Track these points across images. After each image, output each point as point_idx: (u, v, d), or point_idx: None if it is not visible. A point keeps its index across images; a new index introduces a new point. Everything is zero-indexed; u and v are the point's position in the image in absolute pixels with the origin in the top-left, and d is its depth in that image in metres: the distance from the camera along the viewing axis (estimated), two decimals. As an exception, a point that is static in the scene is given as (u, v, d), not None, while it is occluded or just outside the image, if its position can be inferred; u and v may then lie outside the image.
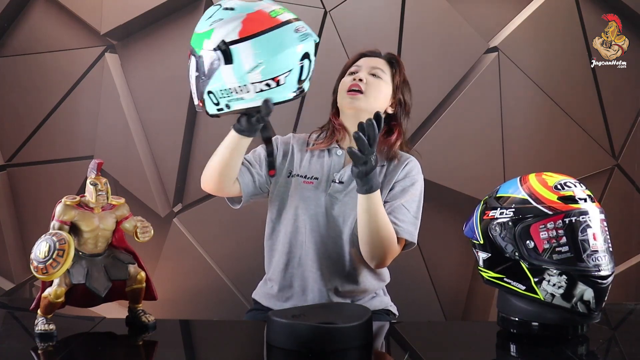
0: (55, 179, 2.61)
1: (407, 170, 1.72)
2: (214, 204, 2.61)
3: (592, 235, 1.32)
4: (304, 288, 1.70)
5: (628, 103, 2.69)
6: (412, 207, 1.69)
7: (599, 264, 1.32)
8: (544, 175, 1.41)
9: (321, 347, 1.26)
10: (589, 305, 1.32)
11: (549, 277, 1.33)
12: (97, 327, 1.46)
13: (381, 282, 1.78)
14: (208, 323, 1.63)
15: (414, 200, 1.70)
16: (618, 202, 2.69)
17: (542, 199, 1.35)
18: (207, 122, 2.59)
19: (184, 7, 2.58)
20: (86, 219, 1.35)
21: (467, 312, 2.66)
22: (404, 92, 1.77)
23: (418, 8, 2.58)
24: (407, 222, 1.66)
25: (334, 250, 1.68)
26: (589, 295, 1.32)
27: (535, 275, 1.34)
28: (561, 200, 1.34)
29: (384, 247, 1.60)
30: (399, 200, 1.67)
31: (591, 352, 1.35)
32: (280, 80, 1.33)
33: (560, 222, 1.32)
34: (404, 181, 1.71)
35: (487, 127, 2.62)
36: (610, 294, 1.36)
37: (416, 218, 1.70)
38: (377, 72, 1.72)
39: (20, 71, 2.61)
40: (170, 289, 2.58)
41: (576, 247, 1.32)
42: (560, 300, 1.33)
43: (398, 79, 1.75)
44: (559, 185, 1.37)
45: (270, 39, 1.31)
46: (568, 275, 1.31)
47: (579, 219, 1.32)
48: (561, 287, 1.32)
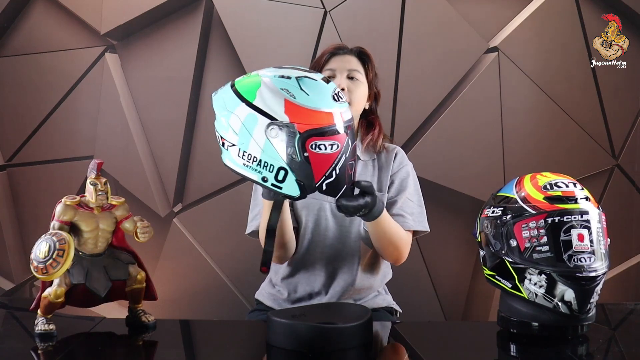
0: (55, 179, 2.61)
1: (399, 161, 1.77)
2: (214, 204, 2.61)
3: (577, 236, 1.32)
4: (310, 292, 1.72)
5: (628, 103, 2.69)
6: (414, 197, 1.75)
7: (582, 265, 1.31)
8: (539, 175, 1.42)
9: (321, 347, 1.26)
10: (571, 306, 1.32)
11: (530, 275, 1.34)
12: (97, 327, 1.46)
13: (384, 279, 1.81)
14: (208, 323, 1.63)
15: (414, 190, 1.76)
16: (618, 202, 2.69)
17: (529, 199, 1.37)
18: (207, 122, 2.59)
19: (184, 7, 2.58)
20: (86, 219, 1.35)
21: (467, 312, 2.66)
22: (376, 84, 1.78)
23: (418, 8, 2.58)
24: (416, 214, 1.72)
25: (339, 253, 1.70)
26: (569, 296, 1.32)
27: (518, 273, 1.35)
28: (547, 200, 1.35)
29: (400, 248, 1.68)
30: (403, 195, 1.72)
31: (591, 352, 1.35)
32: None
33: (542, 222, 1.33)
34: (400, 173, 1.75)
35: (487, 127, 2.62)
36: (610, 294, 1.36)
37: (421, 206, 1.76)
38: (354, 74, 1.71)
39: (20, 71, 2.61)
40: (170, 289, 2.58)
41: (557, 247, 1.31)
42: (542, 300, 1.34)
43: (371, 74, 1.75)
44: (548, 185, 1.37)
45: None
46: (547, 275, 1.32)
47: (563, 219, 1.32)
48: (542, 287, 1.33)
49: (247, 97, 1.25)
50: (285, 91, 1.23)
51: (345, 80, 1.69)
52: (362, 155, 1.74)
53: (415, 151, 2.58)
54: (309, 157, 1.24)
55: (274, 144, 1.24)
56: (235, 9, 2.58)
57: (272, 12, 2.56)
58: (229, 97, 1.27)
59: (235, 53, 2.57)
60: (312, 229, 1.70)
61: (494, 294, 2.60)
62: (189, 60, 2.57)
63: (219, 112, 1.28)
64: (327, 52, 1.75)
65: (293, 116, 1.23)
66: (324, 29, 2.56)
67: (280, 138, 1.23)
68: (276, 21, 2.56)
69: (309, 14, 2.56)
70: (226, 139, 1.27)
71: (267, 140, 1.24)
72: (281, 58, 2.54)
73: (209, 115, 2.57)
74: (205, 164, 2.61)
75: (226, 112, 1.27)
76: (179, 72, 2.59)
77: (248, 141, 1.25)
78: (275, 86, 1.24)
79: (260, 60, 2.54)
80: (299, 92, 1.24)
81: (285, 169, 1.25)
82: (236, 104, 1.25)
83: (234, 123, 1.25)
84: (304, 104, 1.24)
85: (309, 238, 1.70)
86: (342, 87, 1.68)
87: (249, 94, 1.25)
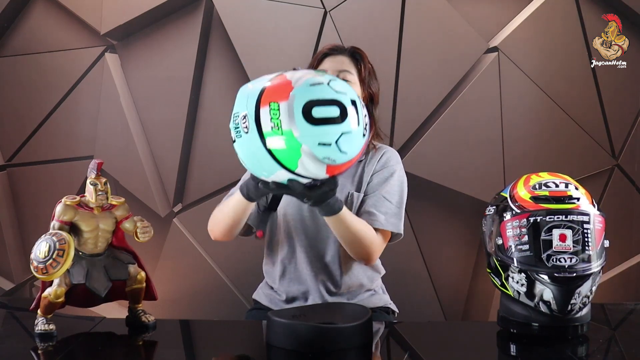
0: (55, 179, 2.61)
1: (384, 161, 1.73)
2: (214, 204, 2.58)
3: (559, 236, 1.32)
4: (303, 291, 1.72)
5: (628, 103, 2.69)
6: (394, 198, 1.69)
7: (561, 265, 1.31)
8: (535, 175, 1.43)
9: (321, 347, 1.26)
10: (550, 306, 1.32)
11: (512, 274, 1.36)
12: (97, 327, 1.46)
13: (375, 274, 1.78)
14: (208, 323, 1.63)
15: (395, 191, 1.70)
16: (618, 202, 2.69)
17: (517, 198, 1.38)
18: (207, 122, 2.59)
19: (184, 7, 2.58)
20: (86, 219, 1.35)
21: (467, 312, 2.66)
22: (371, 84, 1.75)
23: (418, 8, 2.58)
24: (389, 214, 1.67)
25: (323, 250, 1.70)
26: (548, 296, 1.32)
27: (504, 271, 1.37)
28: (532, 200, 1.36)
29: (366, 247, 1.61)
30: (378, 192, 1.68)
31: (591, 352, 1.35)
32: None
33: (525, 221, 1.34)
34: (382, 172, 1.71)
35: (487, 127, 2.62)
36: (610, 294, 1.36)
37: (399, 208, 1.69)
38: (344, 75, 1.69)
39: (20, 71, 2.61)
40: (170, 289, 2.58)
41: (536, 247, 1.32)
42: (524, 298, 1.35)
43: (364, 72, 1.73)
44: (537, 185, 1.38)
45: None
46: (526, 274, 1.33)
47: (545, 219, 1.33)
48: (523, 285, 1.34)
49: (288, 167, 1.22)
50: (327, 159, 1.21)
51: None
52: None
53: (415, 151, 2.58)
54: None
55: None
56: (235, 9, 2.58)
57: (272, 12, 2.56)
58: (265, 159, 1.22)
59: (235, 53, 2.57)
60: (292, 225, 1.70)
61: (494, 294, 2.61)
62: (189, 60, 2.58)
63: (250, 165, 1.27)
64: (321, 52, 1.75)
65: (331, 172, 1.25)
66: (324, 29, 2.56)
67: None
68: (276, 21, 2.56)
69: (309, 14, 2.56)
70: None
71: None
72: (281, 58, 2.54)
73: (209, 115, 2.58)
74: (205, 164, 2.61)
75: (259, 171, 1.28)
76: (179, 72, 2.59)
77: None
78: (317, 156, 1.20)
79: (260, 61, 2.55)
80: (339, 156, 1.22)
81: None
82: (275, 169, 1.23)
83: (272, 178, 1.27)
84: (344, 161, 1.24)
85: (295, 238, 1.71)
86: None
87: (290, 164, 1.22)
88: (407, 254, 2.60)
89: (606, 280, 2.64)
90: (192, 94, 2.59)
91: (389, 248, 1.75)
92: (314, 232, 1.69)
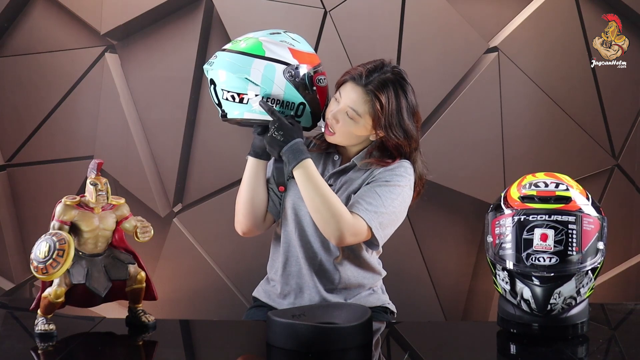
0: (55, 179, 2.61)
1: (392, 168, 1.65)
2: (214, 204, 2.61)
3: (540, 236, 1.33)
4: (300, 286, 1.71)
5: (628, 103, 2.69)
6: (386, 199, 1.60)
7: (539, 264, 1.32)
8: (531, 175, 1.44)
9: (321, 347, 1.26)
10: (530, 304, 1.34)
11: (498, 271, 1.38)
12: (97, 327, 1.46)
13: (376, 275, 1.76)
14: (208, 323, 1.64)
15: (390, 195, 1.61)
16: (618, 202, 2.69)
17: (508, 197, 1.41)
18: (207, 122, 2.59)
19: (184, 7, 2.58)
20: (86, 219, 1.35)
21: (467, 312, 2.66)
22: (391, 120, 1.62)
23: (418, 8, 2.58)
24: (373, 205, 1.58)
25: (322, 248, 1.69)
26: (527, 294, 1.34)
27: (494, 269, 1.41)
28: (520, 199, 1.38)
29: (335, 221, 1.53)
30: (372, 186, 1.61)
31: (591, 352, 1.35)
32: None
33: (510, 220, 1.36)
34: (383, 174, 1.63)
35: (487, 127, 2.62)
36: (610, 294, 1.36)
37: (385, 210, 1.59)
38: (352, 114, 1.61)
39: (20, 71, 2.61)
40: (170, 289, 2.58)
41: (517, 245, 1.34)
42: (509, 296, 1.37)
43: (378, 107, 1.61)
44: (528, 185, 1.40)
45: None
46: (508, 272, 1.35)
47: (528, 218, 1.34)
48: (507, 283, 1.36)
49: (258, 53, 1.50)
50: (284, 42, 1.54)
51: (342, 115, 1.62)
52: (358, 162, 1.68)
53: (415, 151, 2.58)
54: (316, 90, 1.57)
55: (292, 84, 1.53)
56: (235, 9, 2.58)
57: (272, 12, 2.56)
58: (239, 59, 1.50)
59: (235, 53, 2.56)
60: (295, 218, 1.70)
61: (494, 294, 2.61)
62: (189, 60, 2.57)
63: (233, 74, 1.50)
64: (348, 74, 1.66)
65: (299, 59, 1.54)
66: (324, 29, 2.56)
67: (295, 78, 1.53)
68: (276, 21, 2.56)
69: (309, 14, 2.56)
70: (246, 93, 1.51)
71: (287, 82, 1.53)
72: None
73: (209, 115, 2.58)
74: (205, 164, 2.61)
75: (241, 71, 1.49)
76: (179, 72, 2.59)
77: (271, 87, 1.51)
78: (275, 40, 1.54)
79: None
80: (293, 41, 1.56)
81: (304, 104, 1.57)
82: (251, 61, 1.50)
83: (255, 76, 1.50)
84: (301, 49, 1.56)
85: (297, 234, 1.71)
86: (337, 119, 1.62)
87: (258, 51, 1.51)
88: (407, 254, 2.60)
89: (606, 280, 2.64)
90: (192, 94, 2.59)
91: (389, 248, 1.75)
92: (313, 226, 1.69)
